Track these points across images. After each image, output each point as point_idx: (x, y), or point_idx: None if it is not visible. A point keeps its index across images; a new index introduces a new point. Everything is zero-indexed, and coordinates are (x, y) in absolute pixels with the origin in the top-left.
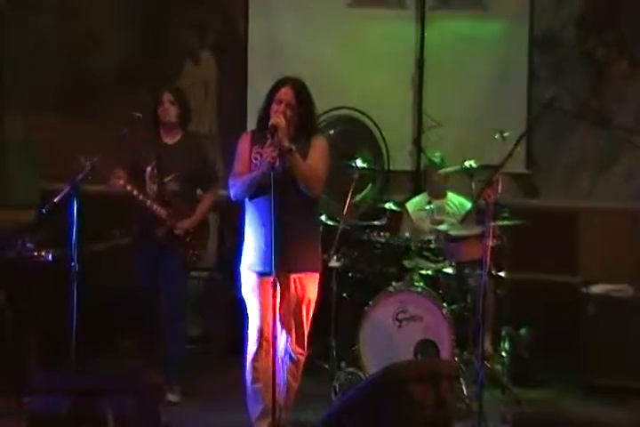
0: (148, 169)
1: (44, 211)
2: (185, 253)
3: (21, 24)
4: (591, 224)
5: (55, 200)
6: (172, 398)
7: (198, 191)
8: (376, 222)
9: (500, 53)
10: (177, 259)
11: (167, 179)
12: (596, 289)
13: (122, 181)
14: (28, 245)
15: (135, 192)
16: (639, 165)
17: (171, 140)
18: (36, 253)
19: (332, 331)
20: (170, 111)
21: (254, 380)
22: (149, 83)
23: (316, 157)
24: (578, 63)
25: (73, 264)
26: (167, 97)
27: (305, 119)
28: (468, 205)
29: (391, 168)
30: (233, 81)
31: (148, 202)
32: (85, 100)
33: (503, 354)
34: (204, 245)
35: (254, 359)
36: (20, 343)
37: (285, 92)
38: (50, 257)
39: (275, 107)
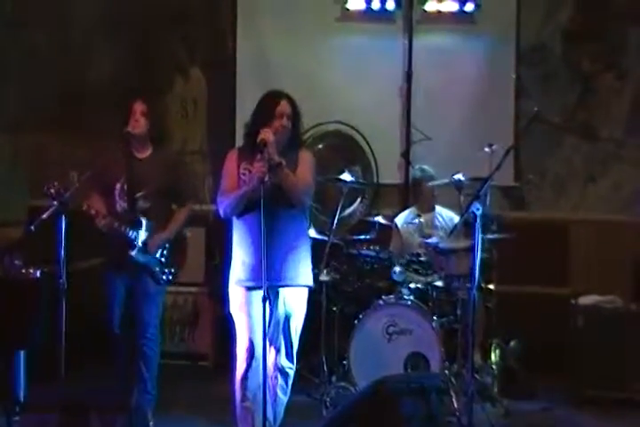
0: (118, 186)
1: (32, 228)
2: (159, 271)
3: (8, 40)
4: (580, 236)
5: (43, 217)
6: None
7: (174, 206)
8: (366, 236)
9: (488, 67)
10: (151, 279)
11: (137, 195)
12: (585, 301)
13: (100, 218)
14: (16, 262)
15: (109, 221)
16: (626, 176)
17: (141, 154)
18: (24, 270)
19: (322, 345)
20: (140, 123)
21: (243, 398)
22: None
23: (305, 169)
24: (564, 76)
25: (61, 281)
26: (139, 107)
27: (295, 132)
28: (457, 218)
29: (380, 182)
30: (222, 97)
31: (116, 224)
32: (74, 116)
33: (493, 366)
34: (180, 263)
35: (243, 378)
36: (8, 360)
37: (285, 106)
38: (38, 274)
39: (278, 122)
